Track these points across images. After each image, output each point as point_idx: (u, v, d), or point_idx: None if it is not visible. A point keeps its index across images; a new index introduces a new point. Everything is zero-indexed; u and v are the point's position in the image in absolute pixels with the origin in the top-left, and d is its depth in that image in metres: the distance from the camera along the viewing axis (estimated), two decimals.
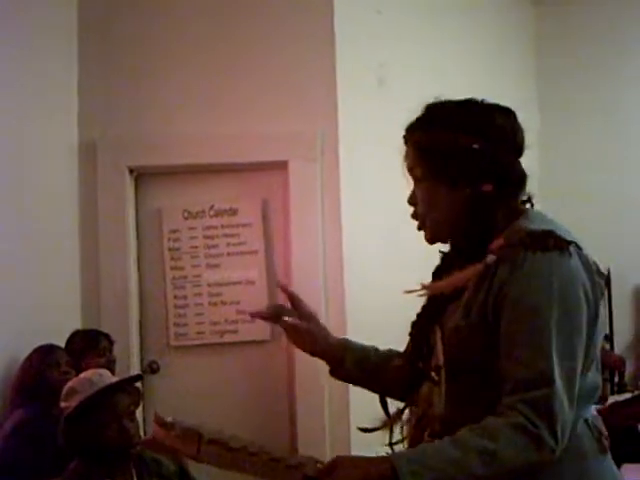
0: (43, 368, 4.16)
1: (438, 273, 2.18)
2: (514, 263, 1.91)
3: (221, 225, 5.34)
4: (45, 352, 4.24)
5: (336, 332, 2.48)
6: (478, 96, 2.17)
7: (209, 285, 5.32)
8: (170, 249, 5.34)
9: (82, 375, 3.31)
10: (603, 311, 2.00)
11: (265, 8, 5.30)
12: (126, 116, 5.28)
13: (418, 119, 2.11)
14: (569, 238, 1.97)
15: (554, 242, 1.93)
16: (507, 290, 1.91)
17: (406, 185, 2.17)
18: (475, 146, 2.01)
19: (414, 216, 2.14)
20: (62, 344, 4.48)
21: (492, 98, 2.25)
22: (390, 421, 2.24)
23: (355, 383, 2.42)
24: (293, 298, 2.39)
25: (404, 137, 2.14)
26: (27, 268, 4.64)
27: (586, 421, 1.97)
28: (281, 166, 5.25)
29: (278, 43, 5.28)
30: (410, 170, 2.11)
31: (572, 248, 1.94)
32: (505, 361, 1.88)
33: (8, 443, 3.82)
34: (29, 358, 4.24)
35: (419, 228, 2.13)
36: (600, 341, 2.01)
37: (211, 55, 5.29)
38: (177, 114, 5.26)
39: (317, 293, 5.09)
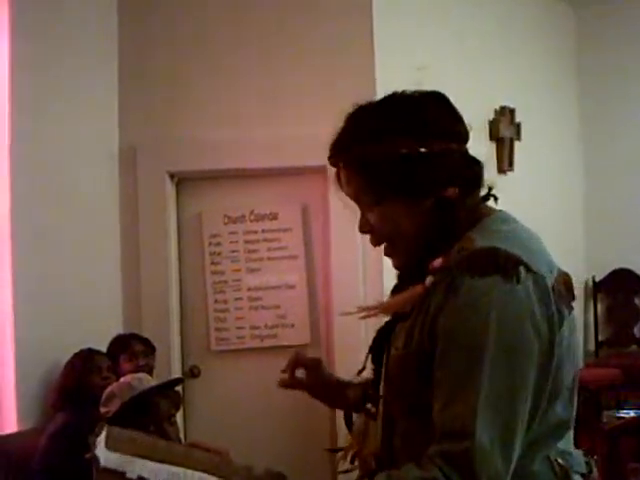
0: (85, 373, 4.19)
1: (395, 291, 1.91)
2: (449, 288, 1.64)
3: (261, 230, 5.34)
4: (86, 357, 4.27)
5: None
6: (520, 99, 2.13)
7: (249, 290, 5.33)
8: (211, 254, 5.36)
9: (122, 380, 3.33)
10: (567, 337, 1.71)
11: (303, 12, 5.30)
12: (166, 122, 5.30)
13: (344, 133, 1.84)
14: (522, 257, 1.66)
15: (497, 264, 1.63)
16: (440, 320, 1.65)
17: None
18: (422, 150, 1.73)
19: (374, 243, 1.86)
20: (104, 349, 4.51)
21: (532, 100, 2.23)
22: (356, 442, 2.05)
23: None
24: (300, 363, 2.37)
25: (331, 159, 1.85)
26: (68, 273, 4.68)
27: (547, 458, 1.72)
28: (320, 171, 5.22)
29: (317, 48, 5.28)
30: (355, 198, 1.82)
31: (522, 269, 1.64)
32: (434, 403, 1.64)
33: (49, 447, 3.84)
34: (71, 363, 4.26)
35: (386, 254, 1.86)
36: (570, 370, 1.74)
37: (251, 61, 5.30)
38: (217, 119, 5.28)
39: (356, 297, 5.07)
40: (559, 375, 1.69)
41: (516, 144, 6.35)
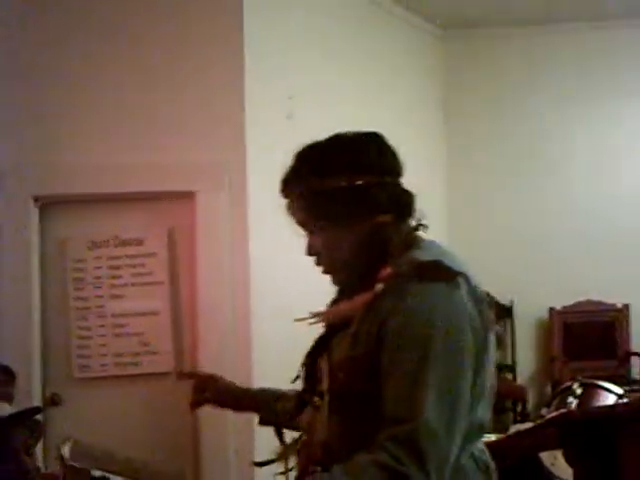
0: None
1: (335, 303, 2.18)
2: (399, 294, 1.90)
3: (126, 255, 5.27)
4: None
5: (242, 364, 2.53)
6: (388, 129, 2.19)
7: (113, 316, 5.25)
8: (74, 279, 5.26)
9: None
10: (493, 341, 2.00)
11: (174, 38, 5.29)
12: (31, 144, 5.21)
13: (293, 170, 2.09)
14: (458, 269, 1.96)
15: (441, 273, 1.92)
16: (390, 321, 1.89)
17: None
18: (359, 182, 2.00)
19: (317, 263, 2.14)
20: None
21: (400, 132, 2.28)
22: (285, 451, 2.29)
23: (282, 427, 2.43)
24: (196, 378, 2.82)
25: (283, 191, 2.12)
26: None
27: (472, 455, 1.97)
28: (188, 196, 5.22)
29: (187, 74, 5.26)
30: (302, 224, 2.12)
31: (460, 279, 1.94)
32: (384, 395, 1.87)
33: None
34: None
35: (325, 272, 2.14)
36: (490, 375, 2.01)
37: (119, 85, 5.25)
38: (83, 143, 5.20)
39: (223, 324, 5.07)
40: (482, 378, 1.95)
41: None
